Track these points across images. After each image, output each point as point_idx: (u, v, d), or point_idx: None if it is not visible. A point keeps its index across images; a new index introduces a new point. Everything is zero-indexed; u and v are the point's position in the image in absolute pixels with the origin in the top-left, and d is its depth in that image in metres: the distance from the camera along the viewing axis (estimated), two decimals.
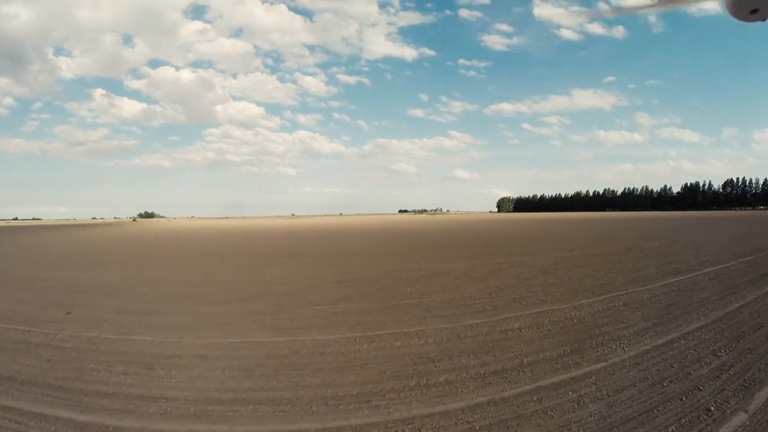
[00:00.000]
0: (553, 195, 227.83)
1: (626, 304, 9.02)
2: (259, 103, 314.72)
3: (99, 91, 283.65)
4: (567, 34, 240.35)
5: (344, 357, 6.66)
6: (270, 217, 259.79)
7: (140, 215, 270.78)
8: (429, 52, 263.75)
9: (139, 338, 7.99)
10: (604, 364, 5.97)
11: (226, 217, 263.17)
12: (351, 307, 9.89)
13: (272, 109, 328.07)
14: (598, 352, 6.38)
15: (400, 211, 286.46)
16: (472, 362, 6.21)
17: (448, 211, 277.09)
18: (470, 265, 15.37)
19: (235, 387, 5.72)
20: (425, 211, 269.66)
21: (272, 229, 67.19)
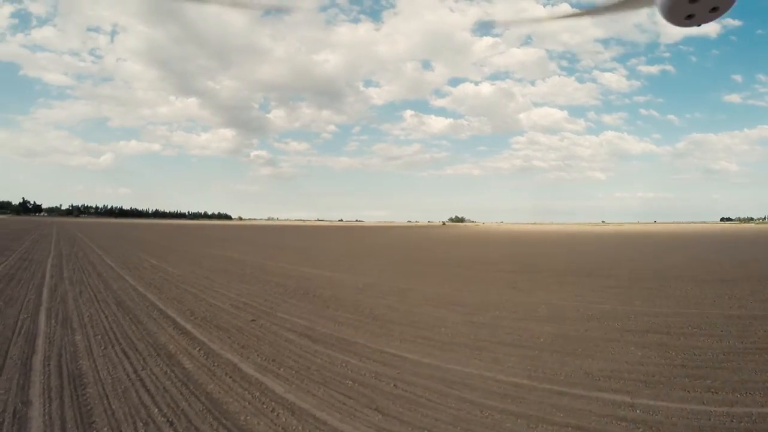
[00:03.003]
0: None
1: None
2: (561, 107, 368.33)
3: (408, 112, 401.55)
4: None
5: None
6: (578, 223, 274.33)
7: (450, 219, 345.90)
8: (733, 22, 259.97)
9: (268, 385, 5.77)
10: None
11: (534, 223, 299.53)
12: (662, 409, 5.15)
13: (575, 111, 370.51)
14: None
15: (722, 219, 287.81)
16: None
17: None
18: None
19: None
20: (752, 219, 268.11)
21: (578, 237, 66.05)
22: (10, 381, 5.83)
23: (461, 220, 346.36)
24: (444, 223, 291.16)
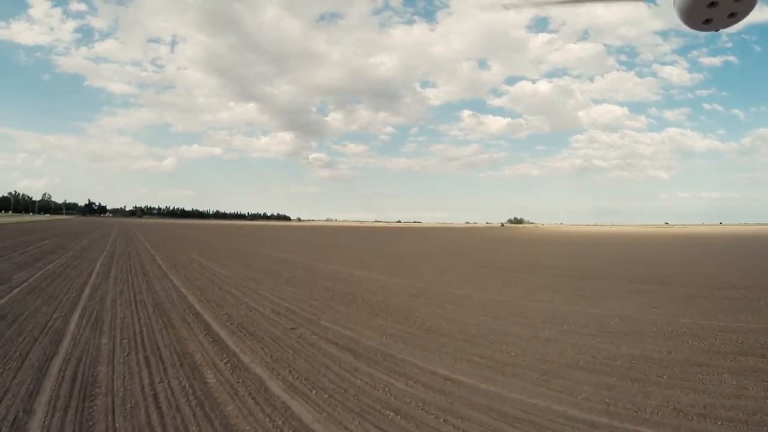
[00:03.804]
0: None
1: None
2: (621, 104, 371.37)
3: (466, 113, 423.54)
4: None
5: None
6: (640, 225, 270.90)
7: (509, 221, 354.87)
8: None
9: (295, 411, 5.16)
10: None
11: (594, 225, 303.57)
12: None
13: (636, 107, 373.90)
14: None
15: None
16: None
17: None
18: None
19: None
20: None
21: (642, 239, 63.83)
22: (20, 385, 5.64)
23: (520, 221, 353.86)
24: (502, 225, 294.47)
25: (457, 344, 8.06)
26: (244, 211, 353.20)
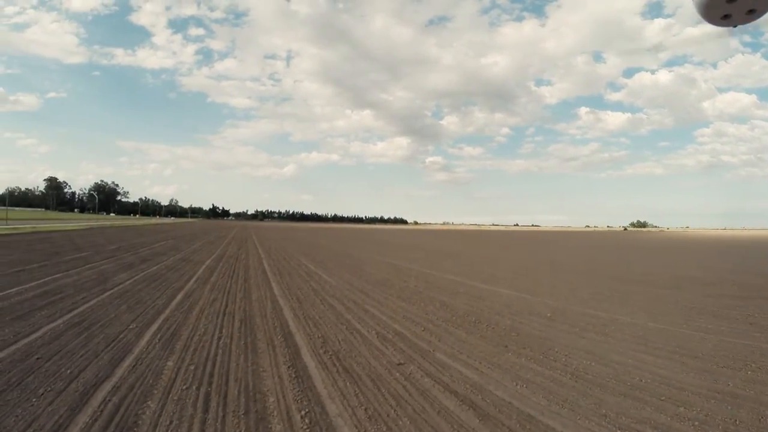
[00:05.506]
0: None
1: None
2: (748, 90, 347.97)
3: (583, 110, 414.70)
4: None
5: None
6: None
7: (632, 224, 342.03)
8: None
9: None
10: None
11: (724, 229, 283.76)
12: None
13: (765, 94, 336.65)
14: None
15: None
16: None
17: None
18: None
19: None
20: None
21: None
22: (51, 415, 4.89)
23: (644, 225, 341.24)
24: (625, 229, 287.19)
25: (617, 401, 6.00)
26: (362, 214, 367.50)
